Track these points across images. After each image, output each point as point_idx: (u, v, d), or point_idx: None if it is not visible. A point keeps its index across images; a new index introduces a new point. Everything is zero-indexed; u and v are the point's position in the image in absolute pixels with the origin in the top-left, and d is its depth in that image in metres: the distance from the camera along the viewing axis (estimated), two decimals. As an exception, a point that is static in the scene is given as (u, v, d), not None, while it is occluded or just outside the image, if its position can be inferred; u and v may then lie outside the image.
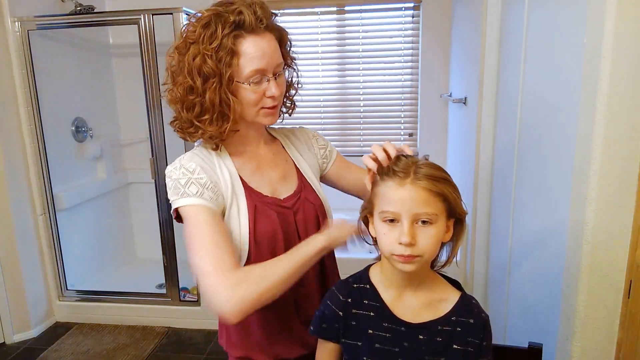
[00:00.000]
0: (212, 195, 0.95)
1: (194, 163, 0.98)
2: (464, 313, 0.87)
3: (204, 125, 0.96)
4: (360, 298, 0.91)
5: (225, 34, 0.90)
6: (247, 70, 0.93)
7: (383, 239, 0.83)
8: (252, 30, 0.93)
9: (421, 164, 0.83)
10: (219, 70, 0.91)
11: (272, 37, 0.97)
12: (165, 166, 2.49)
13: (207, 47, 0.91)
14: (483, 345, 0.86)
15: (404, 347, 0.86)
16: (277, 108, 1.01)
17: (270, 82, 0.96)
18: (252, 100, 0.96)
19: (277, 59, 0.97)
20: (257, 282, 0.84)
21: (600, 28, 1.05)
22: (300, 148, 1.15)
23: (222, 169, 1.00)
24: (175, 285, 2.63)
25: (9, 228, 2.42)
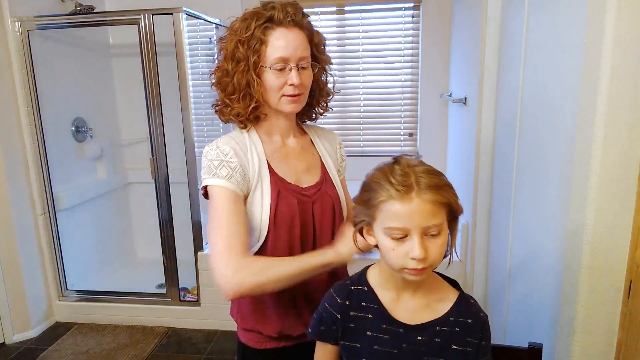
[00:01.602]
0: (239, 180, 1.05)
1: (228, 146, 1.07)
2: (462, 313, 0.87)
3: (232, 103, 1.09)
4: (359, 300, 0.91)
5: (257, 25, 1.03)
6: (272, 57, 1.04)
7: (392, 255, 0.81)
8: (281, 23, 1.04)
9: (420, 172, 0.79)
10: (248, 56, 1.04)
11: (301, 32, 1.06)
12: (165, 166, 2.50)
13: (241, 36, 1.04)
14: (482, 345, 0.86)
15: (402, 348, 0.86)
16: (299, 97, 1.07)
17: (292, 71, 1.04)
18: (275, 85, 1.05)
19: (302, 52, 1.05)
20: (256, 273, 0.95)
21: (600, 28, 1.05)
22: (327, 147, 1.23)
23: (252, 153, 1.09)
24: (175, 285, 2.63)
25: (9, 228, 2.42)
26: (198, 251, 2.56)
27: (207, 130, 3.02)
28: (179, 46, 2.35)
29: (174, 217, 2.57)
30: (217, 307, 2.58)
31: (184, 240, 2.60)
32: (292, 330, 1.12)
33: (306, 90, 1.09)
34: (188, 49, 2.40)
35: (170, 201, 2.54)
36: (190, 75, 2.43)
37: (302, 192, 1.11)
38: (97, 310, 2.69)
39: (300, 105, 1.09)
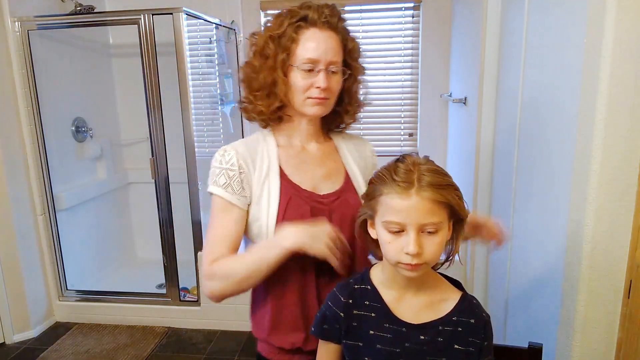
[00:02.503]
0: (236, 188, 1.04)
1: (234, 152, 1.05)
2: (465, 313, 0.87)
3: (256, 100, 1.07)
4: (362, 299, 0.91)
5: (290, 23, 1.01)
6: (301, 57, 1.01)
7: (388, 248, 0.82)
8: (315, 24, 1.01)
9: (424, 170, 0.81)
10: (277, 53, 1.02)
11: (334, 36, 1.03)
12: (165, 166, 2.50)
13: (273, 32, 1.03)
14: (484, 345, 0.86)
15: (405, 347, 0.86)
16: (324, 101, 1.04)
17: (321, 74, 1.01)
18: (301, 86, 1.02)
19: (333, 56, 1.02)
20: (222, 278, 0.99)
21: (600, 28, 1.05)
22: (354, 154, 1.16)
23: (262, 159, 1.07)
24: (175, 285, 2.63)
25: (9, 228, 2.42)
26: (198, 251, 2.56)
27: (207, 130, 3.02)
28: (179, 46, 2.35)
29: (174, 217, 2.57)
30: (217, 307, 2.58)
31: (184, 240, 2.60)
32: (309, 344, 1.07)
33: (333, 95, 1.06)
34: (188, 49, 2.40)
35: (170, 201, 2.54)
36: (190, 75, 2.43)
37: (318, 199, 1.06)
38: (97, 310, 2.69)
39: (324, 109, 1.05)
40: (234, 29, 2.99)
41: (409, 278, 0.85)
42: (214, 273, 0.99)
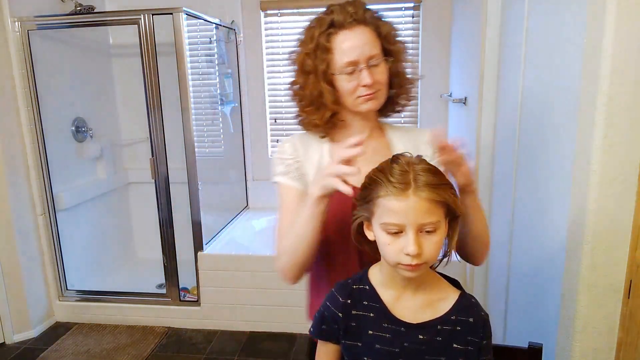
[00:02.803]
0: (296, 175, 1.10)
1: (290, 143, 1.14)
2: (463, 312, 0.87)
3: (309, 115, 1.10)
4: (360, 299, 0.91)
5: (320, 33, 1.03)
6: (341, 63, 1.02)
7: (387, 249, 0.82)
8: (343, 26, 1.02)
9: (419, 170, 0.81)
10: (316, 66, 1.04)
11: (366, 29, 1.03)
12: (165, 166, 2.50)
13: (307, 47, 1.05)
14: (483, 344, 0.86)
15: (404, 347, 0.86)
16: (375, 95, 1.04)
17: (363, 72, 1.01)
18: (348, 89, 1.04)
19: (370, 50, 1.02)
20: (284, 253, 1.04)
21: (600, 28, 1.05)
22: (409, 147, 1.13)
23: (314, 152, 1.12)
24: (175, 285, 2.63)
25: (9, 228, 2.42)
26: (198, 251, 2.56)
27: (207, 130, 3.03)
28: (179, 46, 2.36)
29: (174, 217, 2.57)
30: (217, 307, 2.58)
31: (184, 240, 2.60)
32: None
33: (382, 86, 1.06)
34: (188, 49, 2.40)
35: (170, 201, 2.54)
36: (190, 75, 2.43)
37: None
38: (97, 310, 2.69)
39: (378, 102, 1.06)
40: (234, 29, 2.99)
41: (408, 278, 0.85)
42: (279, 252, 1.06)
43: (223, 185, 3.15)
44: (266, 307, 2.53)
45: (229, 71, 2.97)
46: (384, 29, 1.06)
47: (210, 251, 2.59)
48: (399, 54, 1.09)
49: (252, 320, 2.56)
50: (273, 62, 3.10)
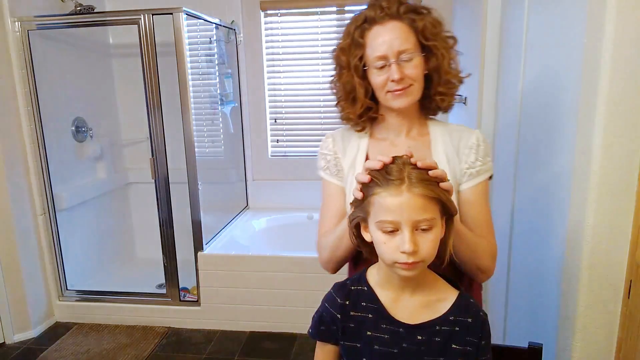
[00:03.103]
0: (333, 170, 1.15)
1: (330, 138, 1.18)
2: (462, 312, 0.87)
3: (343, 108, 1.13)
4: (358, 300, 0.91)
5: (355, 28, 1.05)
6: (372, 57, 1.04)
7: (383, 248, 0.82)
8: (375, 21, 1.03)
9: (413, 167, 0.82)
10: (349, 61, 1.07)
11: (399, 24, 1.02)
12: (165, 166, 2.50)
13: (343, 44, 1.08)
14: (482, 345, 0.86)
15: (402, 348, 0.86)
16: (405, 91, 1.03)
17: (392, 67, 1.01)
18: (379, 83, 1.04)
19: (400, 45, 1.01)
20: (324, 248, 1.11)
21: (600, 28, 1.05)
22: (449, 150, 1.09)
23: (352, 148, 1.14)
24: (175, 285, 2.63)
25: (9, 228, 2.42)
26: (198, 251, 2.56)
27: (207, 130, 3.02)
28: (179, 46, 2.36)
29: (174, 217, 2.57)
30: (217, 307, 2.58)
31: (184, 240, 2.60)
32: None
33: (415, 81, 1.04)
34: (188, 49, 2.40)
35: (170, 201, 2.54)
36: (190, 75, 2.43)
37: None
38: (97, 310, 2.69)
39: (408, 98, 1.05)
40: (234, 29, 2.99)
41: (406, 278, 0.85)
42: (320, 245, 1.13)
43: (223, 185, 3.15)
44: (266, 307, 2.53)
45: (229, 71, 2.96)
46: (420, 23, 1.03)
47: (210, 251, 2.59)
48: (438, 50, 1.05)
49: (252, 320, 2.56)
50: (273, 62, 3.10)
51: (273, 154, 3.25)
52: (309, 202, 3.14)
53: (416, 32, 1.03)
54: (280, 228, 3.10)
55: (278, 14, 3.03)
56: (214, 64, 2.90)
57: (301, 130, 3.20)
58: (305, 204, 3.15)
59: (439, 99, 1.09)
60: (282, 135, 3.22)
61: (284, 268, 2.47)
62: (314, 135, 3.18)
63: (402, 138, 1.12)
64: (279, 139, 3.23)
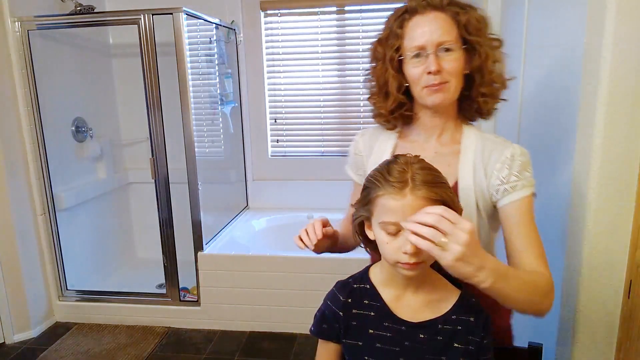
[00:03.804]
0: (354, 169, 1.18)
1: (360, 137, 1.18)
2: (464, 311, 0.87)
3: (376, 104, 1.10)
4: (361, 298, 0.91)
5: (394, 19, 1.01)
6: (408, 47, 0.99)
7: (386, 248, 0.82)
8: (416, 11, 0.98)
9: (416, 168, 0.81)
10: (385, 54, 1.03)
11: (440, 15, 0.97)
12: (165, 166, 2.50)
13: (381, 36, 1.05)
14: (484, 344, 0.86)
15: (404, 346, 0.86)
16: (441, 87, 0.97)
17: (430, 57, 0.96)
18: (414, 76, 0.99)
19: (440, 36, 0.95)
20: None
21: (600, 28, 1.05)
22: (478, 162, 1.01)
23: (379, 147, 1.12)
24: (175, 285, 2.63)
25: (9, 228, 2.42)
26: (198, 251, 2.56)
27: (207, 130, 3.02)
28: (179, 46, 2.36)
29: (174, 217, 2.57)
30: (217, 307, 2.58)
31: (184, 240, 2.60)
32: None
33: (452, 77, 0.97)
34: (188, 49, 2.40)
35: (170, 201, 2.54)
36: (190, 75, 2.43)
37: None
38: (97, 310, 2.69)
39: (444, 95, 0.97)
40: (234, 29, 2.99)
41: (408, 277, 0.85)
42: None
43: (223, 185, 3.15)
44: (266, 307, 2.53)
45: (229, 71, 2.96)
46: (463, 17, 0.97)
47: (210, 251, 2.59)
48: (482, 47, 0.98)
49: (252, 320, 2.56)
50: (273, 62, 3.10)
51: (273, 154, 3.25)
52: (309, 202, 3.14)
53: (459, 26, 0.97)
54: (280, 228, 3.10)
55: (278, 14, 3.03)
56: (214, 64, 2.90)
57: (301, 130, 3.20)
58: (305, 204, 3.15)
59: (481, 100, 1.02)
60: (282, 135, 3.22)
61: (284, 268, 2.47)
62: (314, 135, 3.18)
63: (432, 142, 1.06)
64: (279, 139, 3.23)
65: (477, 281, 0.77)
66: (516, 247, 0.95)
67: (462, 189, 0.99)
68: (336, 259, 2.37)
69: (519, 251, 0.95)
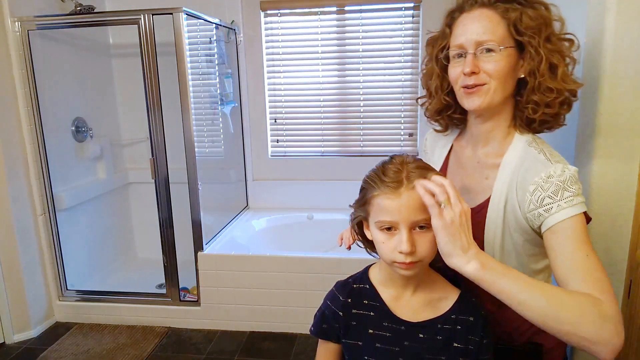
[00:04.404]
0: None
1: (429, 135, 1.17)
2: (464, 311, 0.87)
3: (425, 103, 1.09)
4: (360, 298, 0.91)
5: (445, 17, 0.99)
6: (452, 46, 0.95)
7: (382, 248, 0.83)
8: (464, 9, 0.94)
9: (411, 168, 0.82)
10: (433, 52, 1.01)
11: (487, 12, 0.90)
12: (165, 166, 2.50)
13: (435, 34, 1.02)
14: (484, 343, 0.86)
15: (404, 346, 0.86)
16: (478, 89, 0.91)
17: (467, 58, 0.90)
18: (453, 76, 0.96)
19: (482, 36, 0.89)
20: None
21: (600, 28, 1.05)
22: (512, 182, 0.91)
23: (438, 150, 1.11)
24: (175, 285, 2.63)
25: (9, 228, 2.42)
26: (198, 251, 2.56)
27: (207, 130, 3.02)
28: (179, 46, 2.36)
29: (174, 217, 2.57)
30: (217, 307, 2.58)
31: (184, 240, 2.60)
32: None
33: (493, 79, 0.89)
34: (188, 49, 2.40)
35: (170, 201, 2.54)
36: (190, 75, 2.43)
37: None
38: (97, 310, 2.69)
39: (480, 99, 0.90)
40: (234, 29, 2.99)
41: (407, 277, 0.85)
42: None
43: (223, 185, 3.15)
44: (266, 307, 2.53)
45: (229, 71, 2.97)
46: (513, 14, 0.88)
47: (210, 251, 2.59)
48: (535, 48, 0.88)
49: (252, 320, 2.56)
50: (273, 62, 3.11)
51: (273, 154, 3.25)
52: (309, 202, 3.15)
53: (508, 24, 0.89)
54: (280, 228, 3.10)
55: (278, 14, 3.03)
56: (214, 64, 2.90)
57: (301, 130, 3.20)
58: (305, 204, 3.15)
59: (530, 108, 0.91)
60: (282, 135, 3.22)
61: (284, 268, 2.47)
62: (314, 135, 3.18)
63: (478, 151, 0.99)
64: (279, 139, 3.23)
65: (460, 263, 0.76)
66: (559, 276, 0.83)
67: (491, 209, 0.93)
68: (336, 259, 2.37)
69: (561, 281, 0.82)
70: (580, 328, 0.74)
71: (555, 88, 0.89)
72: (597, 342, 0.75)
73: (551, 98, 0.89)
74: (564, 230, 0.83)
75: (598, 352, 0.76)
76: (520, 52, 0.90)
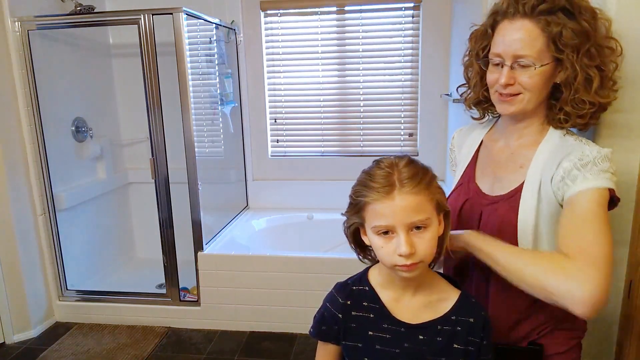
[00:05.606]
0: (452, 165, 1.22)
1: (456, 134, 1.22)
2: (463, 312, 0.87)
3: (464, 93, 1.15)
4: (360, 300, 0.91)
5: (488, 17, 1.00)
6: (492, 51, 0.97)
7: (382, 252, 0.82)
8: (505, 15, 0.94)
9: (402, 169, 0.81)
10: (474, 49, 1.05)
11: (528, 25, 0.90)
12: (165, 166, 2.50)
13: (476, 31, 1.05)
14: (484, 344, 0.86)
15: (404, 348, 0.86)
16: (511, 99, 0.94)
17: (504, 69, 0.93)
18: (490, 81, 0.99)
19: (520, 49, 0.90)
20: None
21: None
22: (547, 165, 0.94)
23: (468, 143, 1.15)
24: (175, 285, 2.63)
25: (9, 228, 2.42)
26: (198, 251, 2.56)
27: (207, 130, 3.02)
28: (179, 46, 2.36)
29: (174, 217, 2.57)
30: (217, 307, 2.58)
31: (184, 240, 2.60)
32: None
33: (527, 92, 0.93)
34: (188, 49, 2.40)
35: (170, 201, 2.54)
36: (190, 75, 2.43)
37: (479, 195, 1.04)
38: (97, 310, 2.69)
39: (513, 107, 0.95)
40: (234, 29, 2.99)
41: (407, 278, 0.85)
42: None
43: (223, 185, 3.15)
44: (266, 307, 2.53)
45: (229, 71, 2.96)
46: (555, 29, 0.88)
47: (210, 251, 2.59)
48: (572, 63, 0.90)
49: (252, 320, 2.56)
50: (273, 62, 3.10)
51: (273, 154, 3.25)
52: (309, 202, 3.15)
53: (548, 39, 0.90)
54: (280, 228, 3.10)
55: (278, 14, 3.03)
56: (214, 64, 2.90)
57: (301, 130, 3.20)
58: (305, 204, 3.15)
59: (562, 118, 0.95)
60: (282, 135, 3.22)
61: (284, 268, 2.47)
62: (314, 135, 3.18)
63: (511, 143, 1.03)
64: (279, 139, 3.23)
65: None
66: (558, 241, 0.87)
67: (525, 191, 0.95)
68: (336, 259, 2.37)
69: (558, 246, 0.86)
70: (547, 283, 0.81)
71: (589, 101, 0.92)
72: (563, 297, 0.79)
73: (584, 110, 0.93)
74: (579, 200, 0.85)
75: (567, 306, 0.80)
76: (557, 61, 0.92)
